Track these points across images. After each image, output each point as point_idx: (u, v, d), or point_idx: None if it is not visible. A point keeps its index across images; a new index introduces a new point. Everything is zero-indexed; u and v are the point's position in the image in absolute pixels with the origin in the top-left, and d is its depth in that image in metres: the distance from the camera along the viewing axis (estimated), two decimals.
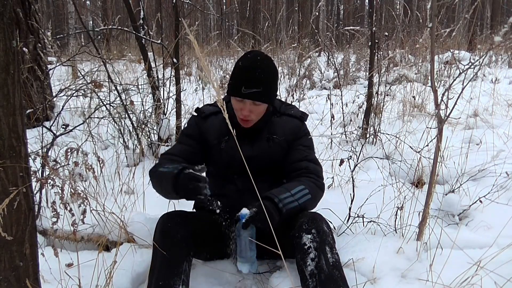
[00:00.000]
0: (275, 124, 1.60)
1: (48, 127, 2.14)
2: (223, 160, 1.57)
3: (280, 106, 1.65)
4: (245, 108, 1.47)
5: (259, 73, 1.44)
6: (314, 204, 1.52)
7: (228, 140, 1.57)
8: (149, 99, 3.06)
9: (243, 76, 1.45)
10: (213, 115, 1.63)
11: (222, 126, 1.59)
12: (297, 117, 1.63)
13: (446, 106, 1.42)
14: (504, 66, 6.87)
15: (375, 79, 3.28)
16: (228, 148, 1.56)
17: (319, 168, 1.58)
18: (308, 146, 1.61)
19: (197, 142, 1.60)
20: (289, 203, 1.39)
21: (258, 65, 1.45)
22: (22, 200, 1.05)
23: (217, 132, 1.59)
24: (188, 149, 1.59)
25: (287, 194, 1.41)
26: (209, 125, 1.61)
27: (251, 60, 1.47)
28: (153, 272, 1.34)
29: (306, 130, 1.64)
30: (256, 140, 1.57)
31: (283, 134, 1.59)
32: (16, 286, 1.08)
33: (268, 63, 1.49)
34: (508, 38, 4.26)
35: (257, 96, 1.45)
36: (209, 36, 11.16)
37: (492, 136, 2.87)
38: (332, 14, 19.91)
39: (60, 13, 16.29)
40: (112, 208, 1.86)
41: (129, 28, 3.32)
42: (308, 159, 1.57)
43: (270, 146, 1.57)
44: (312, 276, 1.29)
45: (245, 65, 1.47)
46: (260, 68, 1.45)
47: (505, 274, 1.30)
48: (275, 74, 1.52)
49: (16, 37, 1.00)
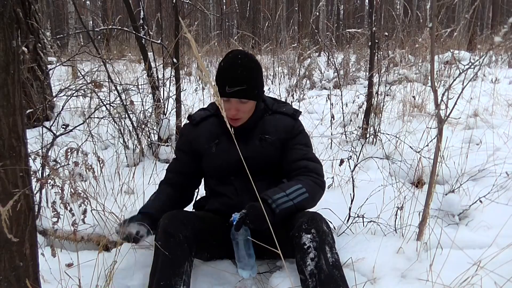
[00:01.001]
0: (267, 122, 1.60)
1: (48, 127, 2.14)
2: (216, 163, 1.58)
3: (272, 104, 1.65)
4: (231, 108, 1.48)
5: (241, 71, 1.45)
6: (312, 202, 1.51)
7: (218, 143, 1.58)
8: (149, 99, 3.06)
9: (226, 75, 1.47)
10: (204, 120, 1.65)
11: (212, 130, 1.60)
12: (289, 115, 1.62)
13: (446, 106, 1.42)
14: (504, 66, 6.87)
15: (375, 79, 3.28)
16: (220, 152, 1.57)
17: (319, 166, 1.58)
18: (305, 144, 1.61)
19: (187, 154, 1.65)
20: (283, 203, 1.39)
21: (239, 63, 1.46)
22: (22, 200, 1.05)
23: (207, 137, 1.60)
24: (181, 164, 1.68)
25: (281, 194, 1.41)
26: (199, 132, 1.63)
27: (232, 59, 1.48)
28: (155, 272, 1.34)
29: (300, 128, 1.63)
30: (249, 140, 1.57)
31: (276, 133, 1.58)
32: (16, 286, 1.08)
33: (249, 60, 1.50)
34: (508, 38, 4.25)
35: (241, 94, 1.46)
36: (209, 36, 11.16)
37: (492, 136, 2.86)
38: (332, 14, 19.91)
39: (60, 13, 16.29)
40: (112, 208, 1.86)
41: (129, 28, 3.32)
42: (307, 157, 1.57)
43: (263, 146, 1.57)
44: (312, 276, 1.29)
45: (226, 65, 1.49)
46: (242, 66, 1.46)
47: (505, 274, 1.30)
48: (258, 70, 1.53)
49: (16, 37, 1.00)
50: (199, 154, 1.62)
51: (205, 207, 1.65)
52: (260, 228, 1.32)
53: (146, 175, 2.41)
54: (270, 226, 1.06)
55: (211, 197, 1.66)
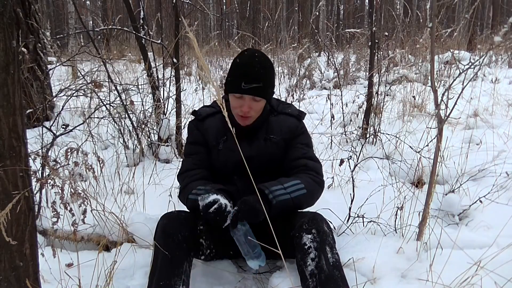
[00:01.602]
0: (272, 123, 1.60)
1: (48, 127, 2.14)
2: (221, 161, 1.58)
3: (277, 105, 1.66)
4: (244, 104, 1.47)
5: (258, 69, 1.45)
6: (310, 200, 1.51)
7: (226, 141, 1.58)
8: (149, 99, 3.06)
9: (242, 71, 1.45)
10: (210, 116, 1.63)
11: (220, 127, 1.59)
12: (294, 116, 1.63)
13: (446, 106, 1.42)
14: (504, 66, 6.87)
15: (375, 79, 3.28)
16: (226, 149, 1.57)
17: (318, 165, 1.58)
18: (306, 144, 1.61)
19: (203, 146, 1.61)
20: (280, 195, 1.39)
21: (257, 61, 1.46)
22: (22, 200, 1.05)
23: (215, 133, 1.59)
24: (199, 157, 1.60)
25: (279, 187, 1.41)
26: (207, 127, 1.61)
27: (249, 56, 1.48)
28: (154, 272, 1.34)
29: (303, 128, 1.64)
30: (254, 140, 1.57)
31: (281, 133, 1.59)
32: (16, 286, 1.08)
33: (265, 59, 1.50)
34: (508, 38, 4.26)
35: (257, 91, 1.45)
36: (209, 36, 11.17)
37: (492, 136, 2.86)
38: (332, 14, 19.90)
39: (60, 13, 16.29)
40: (112, 208, 1.86)
41: (129, 28, 3.32)
42: (306, 156, 1.57)
43: (267, 146, 1.57)
44: (312, 276, 1.29)
45: (243, 62, 1.48)
46: (259, 64, 1.46)
47: (505, 274, 1.30)
48: (273, 71, 1.54)
49: (16, 37, 1.00)
50: (208, 148, 1.61)
51: None
52: (255, 222, 1.33)
53: (146, 175, 2.41)
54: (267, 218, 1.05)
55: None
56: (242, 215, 1.33)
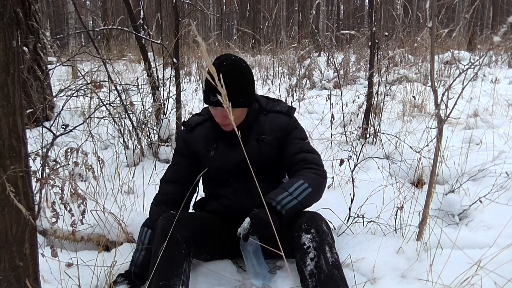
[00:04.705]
0: (263, 123, 1.59)
1: (48, 127, 2.14)
2: (215, 167, 1.57)
3: (266, 103, 1.64)
4: (218, 115, 1.47)
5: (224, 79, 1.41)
6: (317, 195, 1.49)
7: (216, 147, 1.58)
8: (149, 99, 3.06)
9: (209, 83, 1.42)
10: (199, 125, 1.64)
11: (209, 134, 1.60)
12: (283, 113, 1.61)
13: (446, 106, 1.42)
14: (504, 66, 6.87)
15: (375, 79, 3.28)
16: (218, 155, 1.57)
17: (317, 156, 1.57)
18: (301, 138, 1.60)
19: (186, 158, 1.63)
20: (287, 202, 1.38)
21: (223, 70, 1.38)
22: (22, 200, 1.05)
23: (204, 142, 1.60)
24: (178, 168, 1.65)
25: (285, 194, 1.39)
26: (196, 136, 1.62)
27: (217, 65, 1.42)
28: (153, 272, 1.34)
29: (295, 123, 1.62)
30: (246, 142, 1.56)
31: (272, 132, 1.58)
32: (16, 286, 1.08)
33: (234, 67, 1.45)
34: (508, 38, 4.26)
35: None
36: (209, 36, 11.15)
37: (492, 136, 2.86)
38: (332, 14, 19.91)
39: (60, 13, 16.29)
40: (112, 208, 1.86)
41: (129, 28, 3.32)
42: (304, 150, 1.56)
43: (260, 146, 1.56)
44: (311, 276, 1.29)
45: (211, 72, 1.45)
46: (226, 74, 1.41)
47: (505, 274, 1.30)
48: (244, 77, 1.48)
49: (16, 37, 1.00)
50: (197, 158, 1.62)
51: (205, 208, 1.65)
52: (268, 235, 1.29)
53: (146, 175, 2.42)
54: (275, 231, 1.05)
55: (210, 198, 1.66)
56: (256, 229, 1.31)
